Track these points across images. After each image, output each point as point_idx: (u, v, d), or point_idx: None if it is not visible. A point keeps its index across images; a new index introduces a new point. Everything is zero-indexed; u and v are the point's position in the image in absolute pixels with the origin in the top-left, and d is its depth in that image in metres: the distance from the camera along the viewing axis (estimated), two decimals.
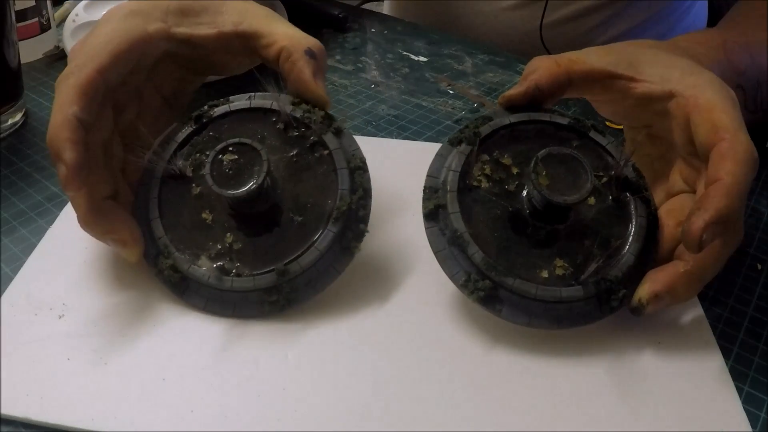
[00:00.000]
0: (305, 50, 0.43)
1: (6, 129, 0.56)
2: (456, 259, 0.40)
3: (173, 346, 0.38)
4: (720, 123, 0.38)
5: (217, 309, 0.40)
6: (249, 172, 0.39)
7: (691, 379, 0.38)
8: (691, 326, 0.41)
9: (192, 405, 0.35)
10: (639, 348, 0.39)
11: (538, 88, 0.42)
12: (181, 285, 0.40)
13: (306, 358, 0.38)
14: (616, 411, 0.36)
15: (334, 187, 0.41)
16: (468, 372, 0.38)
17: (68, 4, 0.77)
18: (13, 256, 0.44)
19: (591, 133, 0.43)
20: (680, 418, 0.36)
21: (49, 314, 0.40)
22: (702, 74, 0.41)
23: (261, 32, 0.44)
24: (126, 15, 0.43)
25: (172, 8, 0.45)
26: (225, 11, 0.45)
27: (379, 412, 0.36)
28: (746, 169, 0.37)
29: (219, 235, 0.40)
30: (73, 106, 0.39)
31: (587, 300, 0.39)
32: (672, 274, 0.38)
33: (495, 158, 0.42)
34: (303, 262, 0.39)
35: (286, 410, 0.35)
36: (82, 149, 0.38)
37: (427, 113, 0.62)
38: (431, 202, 0.41)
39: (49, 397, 0.35)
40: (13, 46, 0.56)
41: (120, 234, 0.40)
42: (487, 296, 0.39)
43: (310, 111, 0.43)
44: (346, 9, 0.81)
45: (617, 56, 0.43)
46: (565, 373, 0.38)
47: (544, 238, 0.40)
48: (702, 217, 0.35)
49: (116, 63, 0.41)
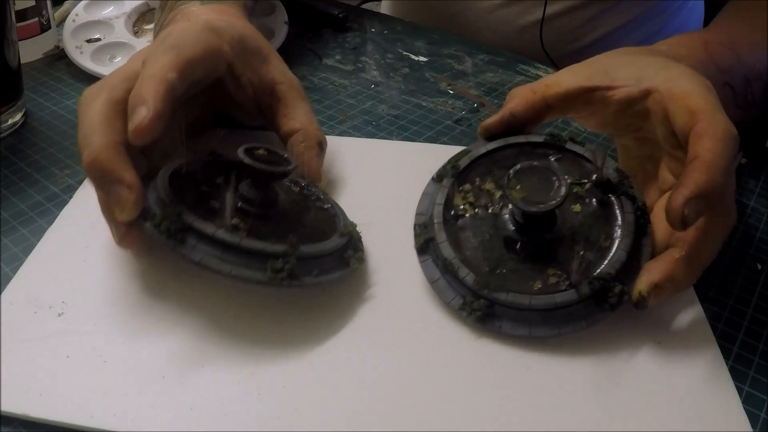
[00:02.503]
0: (318, 142, 0.48)
1: (6, 129, 0.57)
2: (450, 286, 0.41)
3: (173, 344, 0.38)
4: (695, 107, 0.38)
5: (214, 264, 0.38)
6: (277, 162, 0.41)
7: (691, 379, 0.38)
8: (691, 326, 0.41)
9: (192, 403, 0.35)
10: (639, 348, 0.39)
11: (513, 116, 0.45)
12: (179, 236, 0.38)
13: (306, 358, 0.38)
14: (616, 411, 0.36)
15: (337, 224, 0.44)
16: (469, 372, 0.38)
17: (68, 4, 0.77)
18: (13, 256, 0.44)
19: (568, 144, 0.45)
20: (680, 418, 0.36)
21: (49, 312, 0.40)
22: (675, 67, 0.42)
23: (288, 103, 0.48)
24: (205, 28, 0.45)
25: (236, 37, 0.47)
26: (270, 63, 0.49)
27: (380, 412, 0.36)
28: (724, 145, 0.37)
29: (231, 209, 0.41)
30: (171, 72, 0.40)
31: (584, 302, 0.39)
32: (668, 262, 0.38)
33: (477, 186, 0.44)
34: (313, 249, 0.40)
35: (286, 410, 0.35)
36: (168, 107, 0.39)
37: (427, 113, 0.62)
38: (421, 237, 0.43)
39: (48, 395, 0.35)
40: (13, 46, 0.56)
41: (128, 180, 0.38)
42: (484, 315, 0.39)
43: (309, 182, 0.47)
44: (346, 9, 0.81)
45: (591, 69, 0.45)
46: (565, 374, 0.38)
47: (533, 251, 0.41)
48: (682, 193, 0.36)
49: (201, 62, 0.43)
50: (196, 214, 0.39)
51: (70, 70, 0.67)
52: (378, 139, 0.58)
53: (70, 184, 0.51)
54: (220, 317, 0.40)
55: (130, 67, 0.43)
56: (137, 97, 0.39)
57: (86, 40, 0.69)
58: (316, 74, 0.69)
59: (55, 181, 0.51)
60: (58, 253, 0.44)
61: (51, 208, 0.49)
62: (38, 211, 0.48)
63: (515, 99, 0.45)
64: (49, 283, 0.42)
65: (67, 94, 0.63)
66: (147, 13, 0.75)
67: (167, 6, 0.56)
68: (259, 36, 0.50)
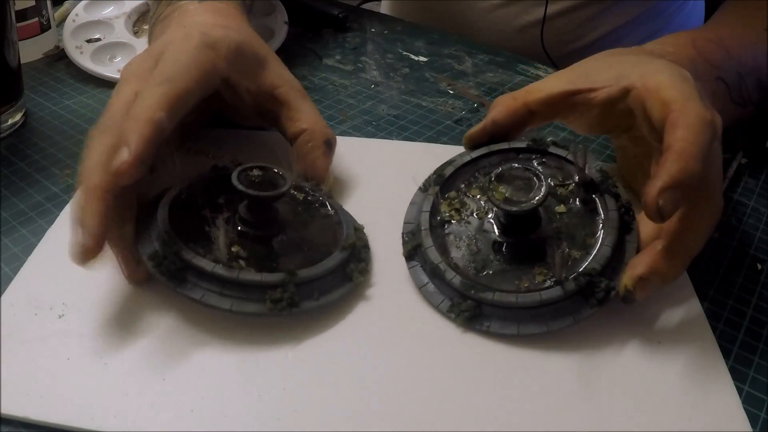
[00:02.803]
0: (324, 141, 0.47)
1: (6, 129, 0.57)
2: (438, 289, 0.41)
3: (173, 346, 0.38)
4: (668, 98, 0.38)
5: (214, 301, 0.39)
6: (272, 187, 0.41)
7: (691, 379, 0.38)
8: (691, 326, 0.41)
9: (192, 405, 0.35)
10: (639, 348, 0.39)
11: (495, 124, 0.45)
12: (179, 275, 0.39)
13: (306, 358, 0.38)
14: (616, 411, 0.36)
15: (340, 234, 0.44)
16: (469, 373, 0.38)
17: (68, 4, 0.77)
18: (13, 256, 0.44)
19: (550, 148, 0.46)
20: (680, 418, 0.36)
21: (49, 314, 0.40)
22: (651, 62, 0.42)
23: (291, 105, 0.48)
24: (200, 46, 0.45)
25: (232, 48, 0.47)
26: (268, 68, 0.49)
27: (380, 412, 0.36)
28: (697, 132, 0.37)
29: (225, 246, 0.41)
30: (159, 112, 0.40)
31: (571, 298, 0.39)
32: (651, 254, 0.38)
33: (463, 193, 0.45)
34: (312, 272, 0.40)
35: (286, 410, 0.35)
36: (152, 148, 0.39)
37: (427, 113, 0.62)
38: (409, 244, 0.44)
39: (48, 397, 0.35)
40: (13, 46, 0.56)
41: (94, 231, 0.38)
42: (472, 316, 0.39)
43: (314, 186, 0.46)
44: (346, 9, 0.81)
45: (573, 74, 0.45)
46: (565, 374, 0.38)
47: (519, 252, 0.42)
48: (655, 184, 0.36)
49: (194, 92, 0.43)
50: (196, 245, 0.40)
51: (70, 70, 0.67)
52: (378, 139, 0.58)
53: (70, 184, 0.51)
54: (220, 319, 0.40)
55: (125, 99, 0.42)
56: (121, 138, 0.39)
57: (86, 40, 0.69)
58: (316, 74, 0.68)
59: (55, 181, 0.51)
60: (58, 254, 0.44)
61: (51, 208, 0.49)
62: (38, 211, 0.48)
63: (497, 107, 0.46)
64: (49, 284, 0.42)
65: (67, 94, 0.63)
66: (147, 13, 0.75)
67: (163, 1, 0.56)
68: (255, 39, 0.49)
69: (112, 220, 0.39)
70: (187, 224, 0.41)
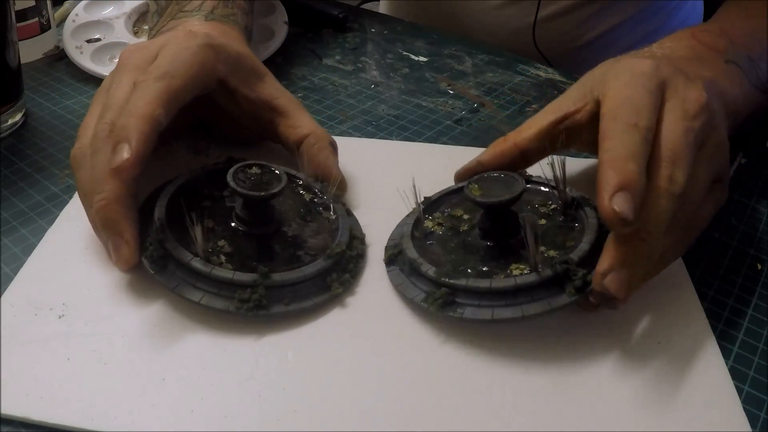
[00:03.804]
0: (330, 142, 0.49)
1: (6, 129, 0.57)
2: (415, 285, 0.41)
3: (173, 346, 0.38)
4: (603, 109, 0.40)
5: (186, 292, 0.39)
6: (269, 186, 0.42)
7: (691, 379, 0.38)
8: (691, 326, 0.41)
9: (192, 405, 0.35)
10: (639, 348, 0.39)
11: (481, 165, 0.46)
12: (161, 262, 0.40)
13: (306, 358, 0.38)
14: (616, 411, 0.36)
15: (333, 241, 0.43)
16: (470, 373, 0.38)
17: (68, 4, 0.77)
18: (13, 256, 0.44)
19: (534, 177, 0.46)
20: (680, 418, 0.36)
21: (49, 314, 0.40)
22: (613, 67, 0.43)
23: (290, 114, 0.49)
24: (202, 45, 0.46)
25: (233, 54, 0.48)
26: (266, 81, 0.50)
27: (380, 412, 0.36)
28: (621, 135, 0.38)
29: (214, 241, 0.42)
30: (159, 109, 0.41)
31: (547, 285, 0.38)
32: (615, 247, 0.37)
33: (448, 214, 0.45)
34: (285, 277, 0.40)
35: (286, 410, 0.35)
36: (151, 145, 0.40)
37: (427, 113, 0.62)
38: (390, 251, 0.44)
39: (49, 397, 0.35)
40: (13, 46, 0.56)
41: (128, 236, 0.40)
42: (446, 302, 0.39)
43: (325, 188, 0.47)
44: (346, 9, 0.81)
45: (561, 101, 0.45)
46: (564, 374, 0.38)
47: (498, 253, 0.42)
48: (602, 197, 0.36)
49: (191, 89, 0.44)
50: (188, 236, 0.40)
51: (70, 71, 0.67)
52: (378, 139, 0.58)
53: (70, 184, 0.51)
54: (219, 320, 0.40)
55: (124, 92, 0.43)
56: (122, 132, 0.40)
57: (86, 40, 0.68)
58: (316, 74, 0.68)
59: (55, 181, 0.51)
60: (58, 254, 0.44)
61: (51, 208, 0.49)
62: (38, 211, 0.48)
63: (487, 149, 0.47)
64: (49, 284, 0.42)
65: (67, 94, 0.63)
66: (147, 13, 0.75)
67: (167, 12, 0.56)
68: (255, 59, 0.51)
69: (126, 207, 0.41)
70: (184, 216, 0.41)
